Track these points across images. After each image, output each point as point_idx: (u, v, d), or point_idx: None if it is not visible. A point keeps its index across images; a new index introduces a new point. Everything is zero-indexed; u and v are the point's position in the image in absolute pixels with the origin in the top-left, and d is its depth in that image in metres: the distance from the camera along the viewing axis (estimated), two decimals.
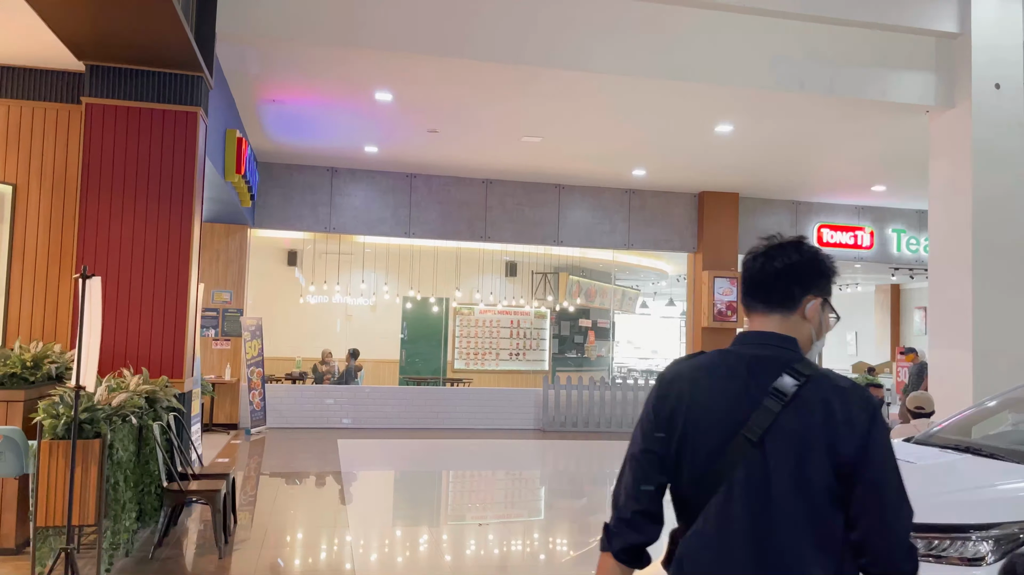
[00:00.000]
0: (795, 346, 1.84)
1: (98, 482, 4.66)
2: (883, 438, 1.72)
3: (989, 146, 8.24)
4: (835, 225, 14.66)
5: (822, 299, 1.89)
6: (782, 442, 1.71)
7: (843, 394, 1.74)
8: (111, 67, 6.56)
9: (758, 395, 1.75)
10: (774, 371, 1.77)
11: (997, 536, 3.37)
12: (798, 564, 1.67)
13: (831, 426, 1.70)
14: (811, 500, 1.68)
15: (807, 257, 1.89)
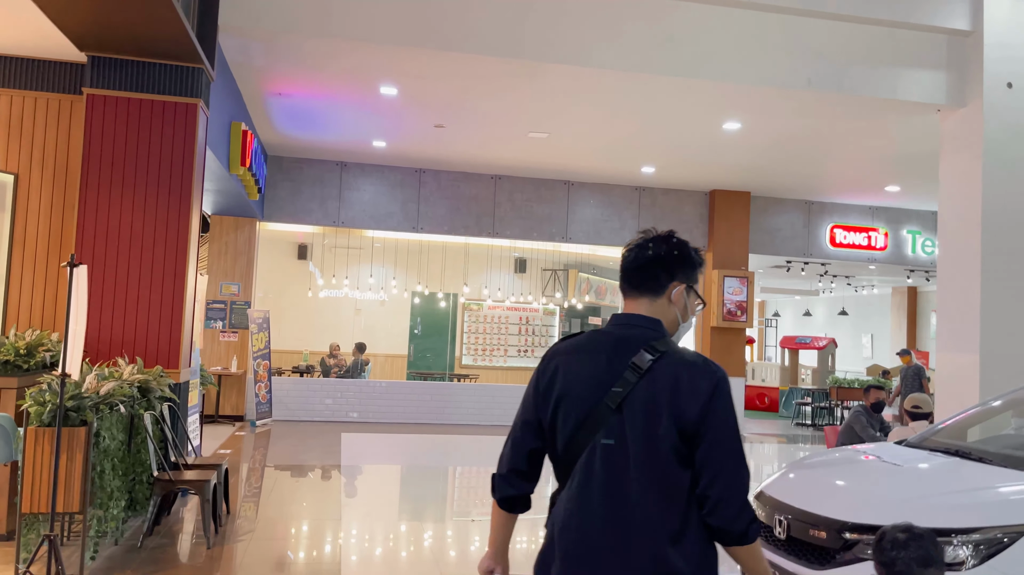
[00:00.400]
0: (659, 326, 2.08)
1: (83, 470, 4.67)
2: (723, 406, 1.95)
3: (1000, 146, 8.10)
4: (848, 226, 14.50)
5: (687, 286, 2.14)
6: (637, 408, 1.96)
7: (692, 368, 1.98)
8: (112, 58, 6.59)
9: (620, 368, 2.00)
10: (636, 348, 2.01)
11: (978, 541, 3.30)
12: (646, 514, 1.93)
13: (678, 394, 1.94)
14: (659, 459, 1.93)
15: (674, 248, 2.14)
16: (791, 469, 4.42)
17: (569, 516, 2.02)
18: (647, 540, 1.93)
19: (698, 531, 1.96)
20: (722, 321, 13.57)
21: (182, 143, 6.68)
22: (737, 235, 13.87)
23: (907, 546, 2.39)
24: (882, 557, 2.43)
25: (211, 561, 5.41)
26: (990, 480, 3.73)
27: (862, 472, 4.14)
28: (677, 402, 1.94)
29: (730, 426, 1.96)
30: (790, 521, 3.88)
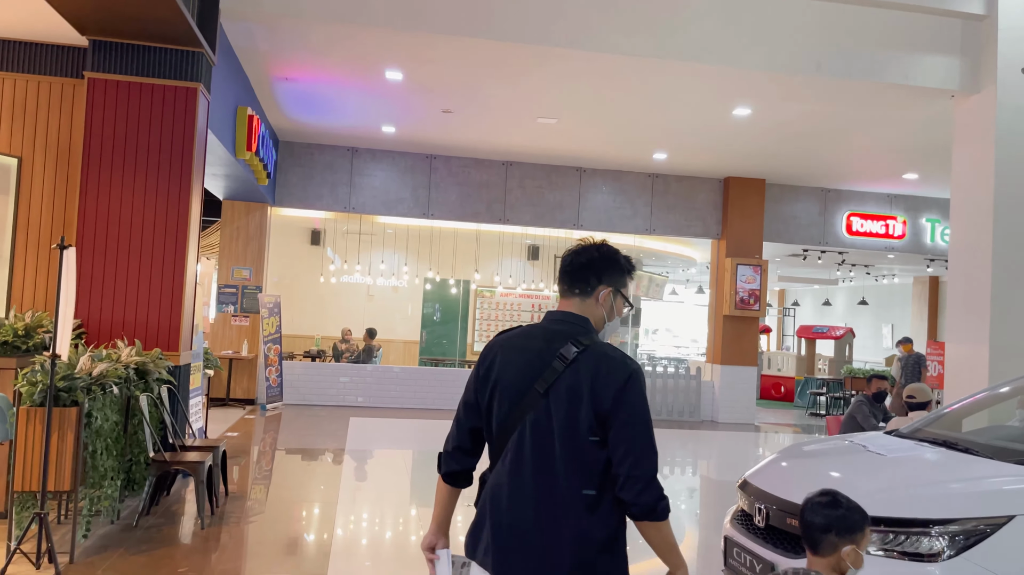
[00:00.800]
0: (587, 323, 2.34)
1: (74, 449, 4.73)
2: (635, 395, 2.19)
3: (1014, 132, 7.93)
4: (865, 214, 14.29)
5: (613, 289, 2.38)
6: (562, 393, 2.20)
7: (610, 361, 2.22)
8: (113, 42, 6.63)
9: (549, 359, 2.25)
10: (564, 341, 2.26)
11: (955, 531, 3.25)
12: (569, 487, 2.18)
13: (597, 383, 2.18)
14: (579, 438, 2.18)
15: (604, 255, 2.38)
16: (775, 459, 4.37)
17: (500, 487, 2.26)
18: (568, 509, 2.18)
19: (612, 505, 2.20)
20: (735, 309, 13.45)
21: (182, 127, 6.71)
22: (751, 223, 13.73)
23: (826, 512, 2.46)
24: (802, 521, 2.50)
25: (203, 541, 5.47)
26: (973, 471, 3.67)
27: (845, 462, 4.08)
28: (595, 389, 2.18)
29: (639, 412, 2.19)
30: (769, 510, 3.84)
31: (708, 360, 14.21)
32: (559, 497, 2.18)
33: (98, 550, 5.04)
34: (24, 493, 4.74)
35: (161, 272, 6.67)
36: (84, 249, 6.51)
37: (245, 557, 5.27)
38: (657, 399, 13.66)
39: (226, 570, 4.93)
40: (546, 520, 2.19)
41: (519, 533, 2.21)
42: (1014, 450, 4.03)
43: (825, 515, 2.44)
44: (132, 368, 5.80)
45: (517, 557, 2.20)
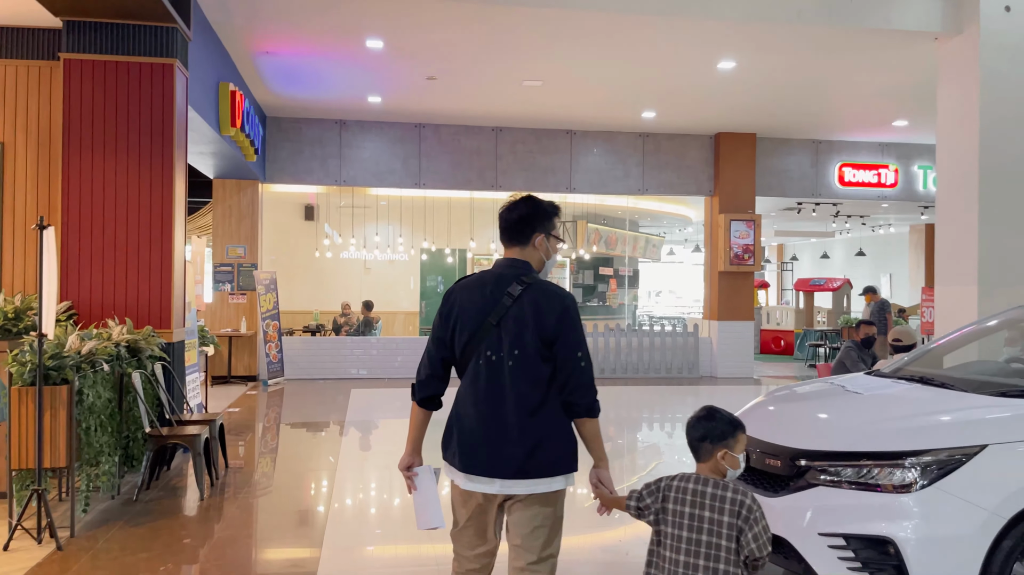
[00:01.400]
0: (527, 266, 2.89)
1: (67, 427, 4.80)
2: (571, 319, 2.75)
3: (998, 73, 7.88)
4: (857, 163, 14.24)
5: (545, 234, 2.92)
6: (510, 323, 2.76)
7: (549, 294, 2.78)
8: (86, 21, 6.60)
9: (499, 296, 2.80)
10: (510, 282, 2.81)
11: (927, 463, 3.30)
12: (517, 394, 2.72)
13: (539, 312, 2.74)
14: (527, 358, 2.73)
15: (532, 207, 2.90)
16: (756, 404, 4.42)
17: (464, 401, 2.82)
18: (517, 411, 2.72)
19: (554, 406, 2.75)
20: (729, 265, 13.47)
21: (160, 104, 6.71)
22: (743, 178, 13.69)
23: (702, 425, 2.72)
24: (687, 437, 2.76)
25: (203, 512, 5.57)
26: (946, 404, 3.72)
27: (823, 402, 4.13)
28: (539, 317, 2.74)
29: (577, 333, 2.76)
30: (749, 451, 3.90)
31: (705, 316, 14.27)
32: (510, 402, 2.72)
33: (98, 524, 5.14)
34: (22, 471, 4.82)
35: (149, 250, 6.70)
36: (70, 231, 6.55)
37: (245, 526, 5.36)
38: (656, 357, 13.74)
39: (226, 538, 5.03)
40: (500, 419, 2.72)
41: (480, 434, 2.75)
42: (989, 383, 4.07)
43: (701, 427, 2.72)
44: (124, 346, 5.86)
45: (480, 453, 2.73)
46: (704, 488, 2.61)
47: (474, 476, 2.73)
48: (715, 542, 2.55)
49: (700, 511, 2.59)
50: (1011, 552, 3.18)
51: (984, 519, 3.18)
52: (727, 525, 2.55)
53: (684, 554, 2.59)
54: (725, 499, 2.57)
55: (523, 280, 2.79)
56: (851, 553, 3.30)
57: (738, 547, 2.56)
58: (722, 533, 2.55)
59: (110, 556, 4.58)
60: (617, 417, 10.07)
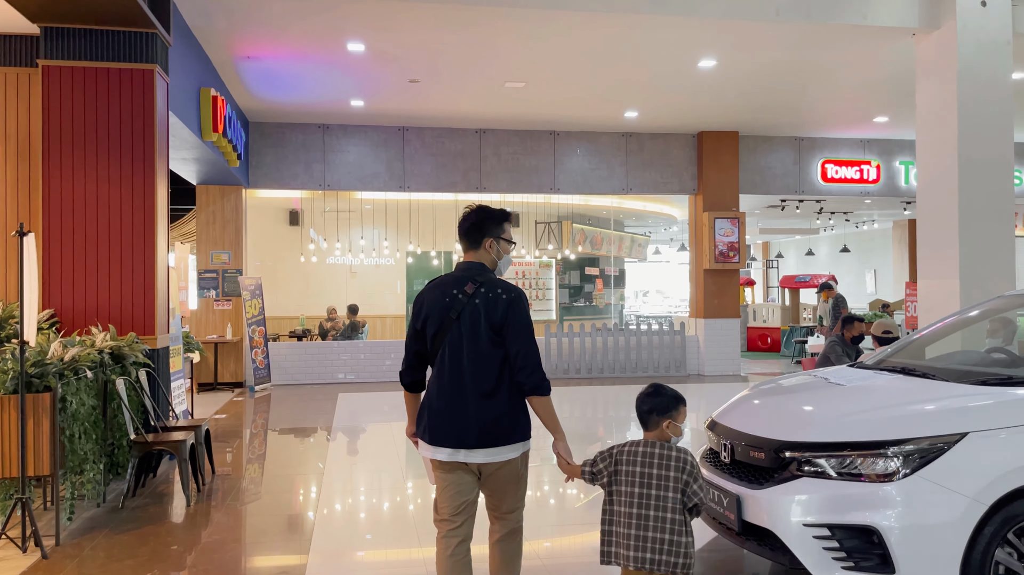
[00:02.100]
0: (483, 268, 3.36)
1: (51, 434, 4.77)
2: (518, 310, 3.24)
3: (975, 67, 7.97)
4: (839, 160, 14.34)
5: (494, 238, 3.38)
6: (467, 317, 3.25)
7: (498, 290, 3.27)
8: (65, 28, 6.57)
9: (458, 294, 3.28)
10: (466, 282, 3.29)
11: (910, 451, 3.33)
12: (475, 379, 3.20)
13: (490, 306, 3.24)
14: (481, 345, 3.22)
15: (481, 215, 3.38)
16: (739, 398, 4.45)
17: (432, 385, 3.33)
18: (475, 394, 3.20)
19: (508, 388, 3.22)
20: (714, 263, 13.52)
21: (141, 110, 6.67)
22: (727, 176, 13.76)
23: (649, 400, 3.21)
24: (637, 410, 3.24)
25: (190, 518, 5.54)
26: (928, 393, 3.75)
27: (806, 395, 4.16)
28: (489, 310, 3.24)
29: (523, 321, 3.24)
30: (735, 445, 3.92)
31: (691, 315, 14.32)
32: (468, 386, 3.20)
33: (84, 532, 5.10)
34: (5, 479, 4.78)
35: (132, 257, 6.67)
36: (51, 239, 6.51)
37: (232, 532, 5.34)
38: (643, 356, 13.78)
39: (213, 544, 5.00)
40: (460, 401, 3.21)
41: (443, 414, 3.23)
42: (970, 372, 4.11)
43: (648, 402, 3.20)
44: (107, 353, 5.83)
45: (442, 430, 3.23)
46: (652, 450, 3.10)
47: (440, 448, 3.23)
48: (663, 495, 3.04)
49: (649, 469, 3.07)
50: (992, 538, 3.21)
51: (966, 506, 3.21)
52: (673, 479, 3.04)
53: (636, 507, 3.05)
54: (671, 458, 3.07)
55: (476, 280, 3.28)
56: (836, 543, 3.33)
57: (684, 498, 3.04)
58: (669, 486, 3.04)
59: (96, 563, 4.55)
60: (605, 416, 10.09)
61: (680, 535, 3.01)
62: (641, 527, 3.02)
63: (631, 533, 3.04)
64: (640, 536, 3.02)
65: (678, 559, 3.00)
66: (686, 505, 3.04)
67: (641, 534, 3.02)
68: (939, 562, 3.21)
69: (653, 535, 3.01)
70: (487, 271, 3.33)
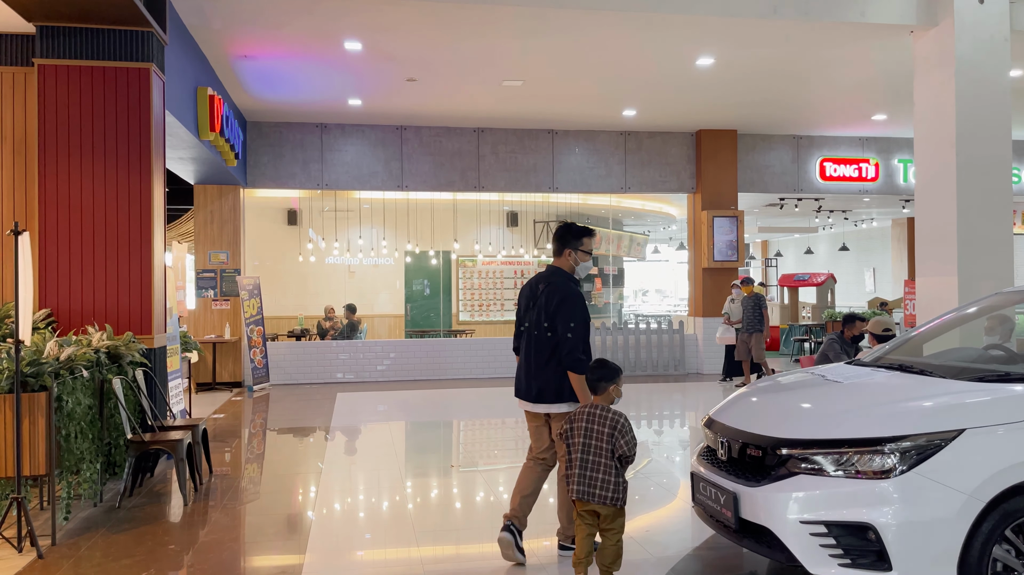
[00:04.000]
0: (557, 271, 4.56)
1: (46, 434, 4.76)
2: (564, 309, 4.39)
3: (973, 64, 7.96)
4: (838, 158, 14.33)
5: (571, 249, 4.57)
6: (536, 308, 4.51)
7: (556, 290, 4.45)
8: (61, 27, 6.55)
9: (535, 290, 4.58)
10: (542, 281, 4.58)
11: (907, 448, 3.32)
12: (535, 354, 4.48)
13: (548, 303, 4.43)
14: (540, 330, 4.46)
15: (564, 231, 4.61)
16: (737, 396, 4.44)
17: (521, 357, 4.66)
18: (535, 364, 4.49)
19: (557, 364, 4.38)
20: (713, 261, 13.51)
21: (137, 109, 6.66)
22: (725, 174, 13.75)
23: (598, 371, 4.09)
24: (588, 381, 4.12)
25: (187, 518, 5.52)
26: (925, 390, 3.74)
27: (804, 392, 4.15)
28: (547, 305, 4.44)
29: (566, 316, 4.37)
30: (731, 443, 3.91)
31: (690, 314, 14.31)
32: (531, 359, 4.51)
33: (80, 531, 5.09)
34: (1, 479, 4.77)
35: (128, 256, 6.66)
36: (48, 238, 6.50)
37: (229, 531, 5.32)
38: (642, 355, 13.77)
39: (210, 543, 4.99)
40: (526, 369, 4.56)
41: (519, 376, 4.65)
42: (967, 369, 4.10)
43: (598, 373, 4.09)
44: (104, 352, 5.82)
45: (517, 386, 4.65)
46: (595, 411, 4.00)
47: (520, 400, 4.60)
48: (600, 445, 3.92)
49: (591, 426, 3.97)
50: (990, 535, 3.21)
51: (963, 502, 3.19)
52: (608, 434, 3.91)
53: (582, 453, 3.95)
54: (606, 418, 3.95)
55: (547, 281, 4.53)
56: (832, 540, 3.32)
57: (614, 448, 3.89)
58: (603, 438, 3.92)
59: (92, 563, 4.54)
60: None
61: (612, 476, 3.88)
62: (585, 468, 3.92)
63: (578, 473, 3.93)
64: (583, 475, 3.92)
65: (608, 493, 3.87)
66: (614, 454, 3.89)
67: (585, 474, 3.92)
68: (936, 559, 3.20)
69: (592, 475, 3.90)
70: (559, 275, 4.51)
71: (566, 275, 4.49)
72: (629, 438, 3.88)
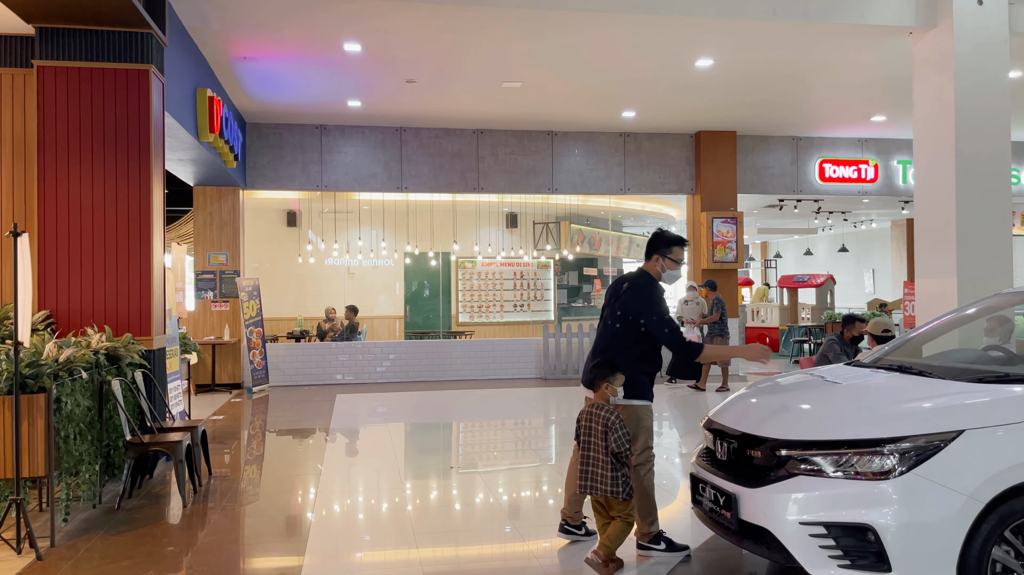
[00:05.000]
0: (647, 274, 4.73)
1: (45, 435, 4.75)
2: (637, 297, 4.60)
3: (972, 66, 7.96)
4: (837, 159, 14.34)
5: (659, 255, 4.72)
6: (615, 305, 4.71)
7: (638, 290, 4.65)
8: (60, 28, 6.56)
9: (620, 289, 4.75)
10: (628, 280, 4.77)
11: (906, 449, 3.32)
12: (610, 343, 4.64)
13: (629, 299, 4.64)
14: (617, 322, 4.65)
15: (654, 237, 4.79)
16: (737, 397, 4.44)
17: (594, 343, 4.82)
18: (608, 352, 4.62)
19: (626, 355, 4.54)
20: (712, 262, 13.51)
21: (136, 110, 6.66)
22: (724, 176, 13.75)
23: (594, 370, 4.34)
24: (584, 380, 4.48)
25: (186, 519, 5.52)
26: (924, 391, 3.73)
27: (803, 393, 4.14)
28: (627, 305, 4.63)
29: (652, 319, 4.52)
30: (730, 444, 3.91)
31: None
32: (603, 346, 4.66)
33: (79, 533, 5.09)
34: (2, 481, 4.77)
35: (128, 258, 6.66)
36: (47, 240, 6.50)
37: (228, 533, 5.32)
38: None
39: (209, 545, 4.99)
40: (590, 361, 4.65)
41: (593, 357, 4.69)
42: (966, 370, 4.10)
43: (594, 371, 4.34)
44: (103, 354, 5.81)
45: (584, 378, 4.61)
46: (592, 410, 4.25)
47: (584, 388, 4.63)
48: (596, 442, 4.17)
49: (590, 424, 4.23)
50: (989, 536, 3.20)
51: (962, 504, 3.19)
52: (601, 432, 4.14)
53: (584, 450, 4.24)
54: (600, 415, 4.18)
55: (632, 281, 4.72)
56: (832, 541, 3.31)
57: (606, 443, 4.12)
58: (599, 435, 4.15)
59: (91, 565, 4.53)
60: None
61: (609, 471, 4.12)
62: (587, 464, 4.21)
63: (581, 469, 4.24)
64: (585, 471, 4.22)
65: (608, 487, 4.12)
66: (608, 450, 4.11)
67: (587, 469, 4.21)
68: (935, 560, 3.19)
69: (592, 470, 4.19)
70: (644, 276, 4.69)
71: (651, 277, 4.67)
72: (619, 435, 4.08)
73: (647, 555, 4.55)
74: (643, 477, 4.54)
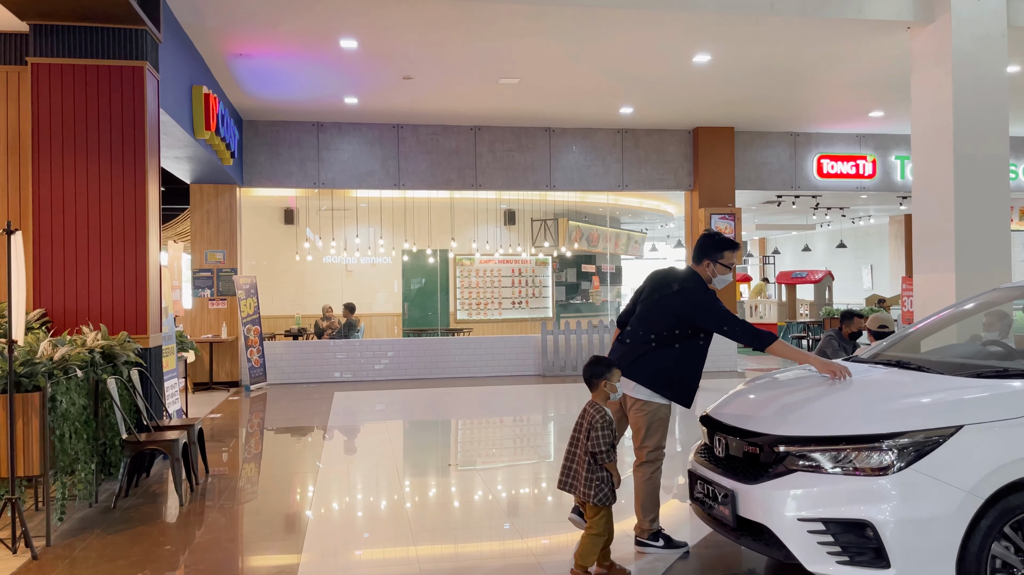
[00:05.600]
0: (696, 274, 4.59)
1: (40, 434, 4.73)
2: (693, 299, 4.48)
3: (970, 60, 7.94)
4: (835, 155, 14.32)
5: (709, 260, 4.53)
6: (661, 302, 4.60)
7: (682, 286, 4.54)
8: (54, 25, 6.52)
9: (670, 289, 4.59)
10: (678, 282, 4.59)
11: (904, 445, 3.30)
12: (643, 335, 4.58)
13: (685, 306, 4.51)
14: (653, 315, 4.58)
15: (706, 241, 4.58)
16: (735, 392, 4.42)
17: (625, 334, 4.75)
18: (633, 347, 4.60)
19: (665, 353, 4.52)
20: None
21: (131, 107, 6.63)
22: (722, 172, 13.73)
23: (590, 368, 4.24)
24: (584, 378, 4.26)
25: (183, 518, 5.50)
26: (923, 387, 3.72)
27: (801, 389, 4.12)
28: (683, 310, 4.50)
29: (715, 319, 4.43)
30: (729, 440, 3.89)
31: None
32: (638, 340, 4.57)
33: (75, 532, 5.06)
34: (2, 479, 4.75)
35: (123, 255, 6.63)
36: (42, 238, 6.47)
37: (225, 531, 5.30)
38: None
39: (206, 543, 4.97)
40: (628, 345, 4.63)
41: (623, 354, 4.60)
42: (965, 365, 4.09)
43: (591, 370, 4.23)
44: (98, 352, 5.79)
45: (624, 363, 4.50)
46: (586, 407, 4.19)
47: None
48: (583, 441, 4.12)
49: (581, 421, 4.19)
50: (989, 532, 3.19)
51: (961, 499, 3.17)
52: (586, 429, 4.10)
53: (570, 446, 4.23)
54: (587, 414, 4.14)
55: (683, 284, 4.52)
56: (830, 538, 3.29)
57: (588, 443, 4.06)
58: (585, 433, 4.10)
59: (87, 564, 4.51)
60: None
61: (584, 471, 4.08)
62: (569, 461, 4.20)
63: (564, 464, 4.22)
64: (565, 467, 4.22)
65: (581, 487, 4.09)
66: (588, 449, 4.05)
67: (568, 466, 4.20)
68: (934, 556, 3.18)
69: (569, 466, 4.20)
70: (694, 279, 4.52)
71: (700, 279, 4.51)
72: (595, 435, 4.01)
73: (645, 552, 4.53)
74: (651, 475, 4.50)
